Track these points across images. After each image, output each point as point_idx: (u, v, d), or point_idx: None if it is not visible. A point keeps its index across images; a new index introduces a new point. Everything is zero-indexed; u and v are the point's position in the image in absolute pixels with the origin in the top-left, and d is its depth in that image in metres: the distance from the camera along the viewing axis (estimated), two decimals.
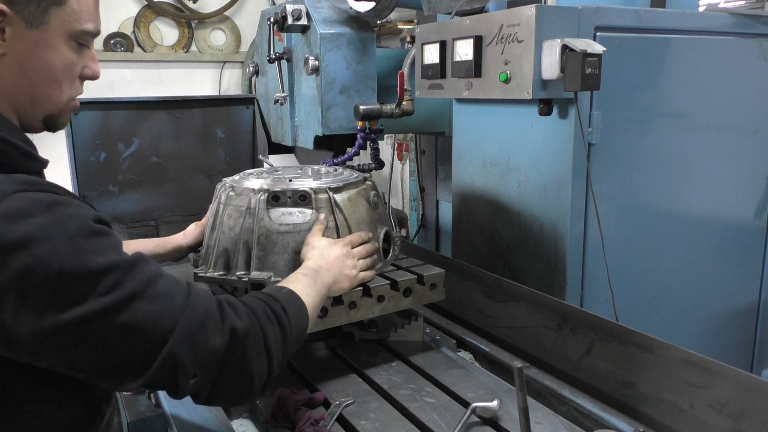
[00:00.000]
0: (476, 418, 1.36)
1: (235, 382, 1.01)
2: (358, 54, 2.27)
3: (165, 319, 0.93)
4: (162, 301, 0.94)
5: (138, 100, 2.90)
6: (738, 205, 2.19)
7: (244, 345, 1.01)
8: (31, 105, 1.02)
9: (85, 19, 1.02)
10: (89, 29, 1.04)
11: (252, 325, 1.04)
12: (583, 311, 1.57)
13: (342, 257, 1.45)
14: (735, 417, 1.20)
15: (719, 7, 2.55)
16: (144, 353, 0.92)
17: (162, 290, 0.95)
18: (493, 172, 2.11)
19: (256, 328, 1.05)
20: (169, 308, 0.95)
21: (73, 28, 1.01)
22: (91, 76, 1.11)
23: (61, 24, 0.99)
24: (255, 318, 1.06)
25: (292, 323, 1.13)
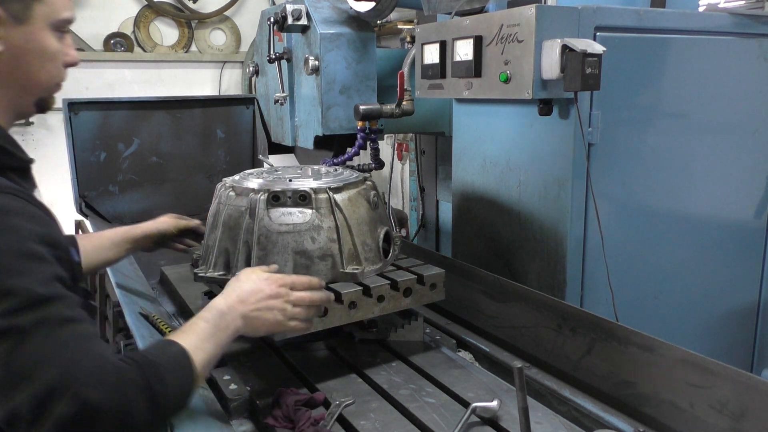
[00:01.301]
0: (476, 418, 1.36)
1: None
2: (358, 54, 2.27)
3: (30, 370, 0.90)
4: (42, 352, 0.91)
5: (138, 100, 2.90)
6: (738, 205, 2.19)
7: (93, 419, 0.91)
8: (25, 92, 1.13)
9: (63, 8, 1.13)
10: (68, 17, 1.14)
11: (114, 399, 0.93)
12: (583, 311, 1.57)
13: (267, 298, 1.27)
14: (735, 417, 1.20)
15: (719, 7, 2.55)
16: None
17: (48, 343, 0.92)
18: (493, 172, 2.11)
19: (119, 403, 0.94)
20: (41, 362, 0.90)
21: (54, 18, 1.11)
22: (72, 62, 1.19)
23: (44, 16, 1.09)
24: (123, 392, 0.95)
25: (169, 395, 1.02)
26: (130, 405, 0.95)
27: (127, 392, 0.95)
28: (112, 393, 0.93)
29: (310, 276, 1.39)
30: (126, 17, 4.90)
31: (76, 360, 0.92)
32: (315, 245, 1.53)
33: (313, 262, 1.53)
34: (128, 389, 0.95)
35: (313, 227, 1.53)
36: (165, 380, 1.01)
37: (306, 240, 1.52)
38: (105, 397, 0.92)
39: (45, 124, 4.65)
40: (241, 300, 1.24)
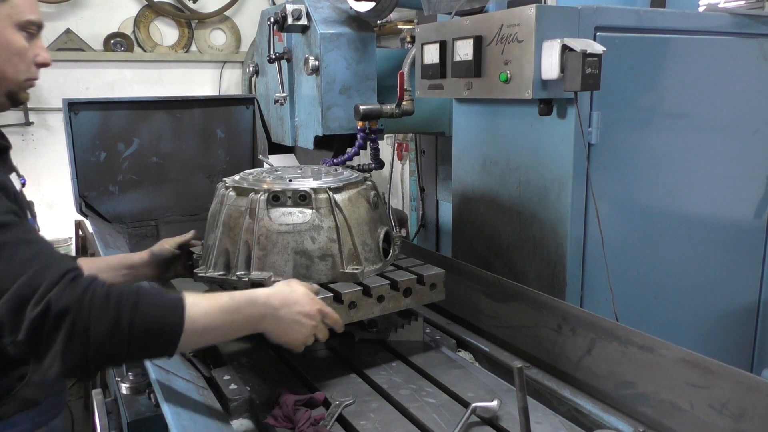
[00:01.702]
0: (476, 418, 1.36)
1: (45, 354, 1.03)
2: (358, 54, 2.27)
3: (3, 284, 1.03)
4: (9, 269, 1.04)
5: (138, 100, 2.90)
6: (738, 205, 2.19)
7: (56, 322, 1.02)
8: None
9: (28, 11, 1.25)
10: (32, 19, 1.26)
11: (78, 307, 1.03)
12: (583, 311, 1.57)
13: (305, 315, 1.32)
14: (735, 417, 1.20)
15: (719, 7, 2.56)
16: None
17: (14, 258, 1.06)
18: (493, 172, 2.11)
19: (81, 311, 1.03)
20: (9, 276, 1.04)
21: (18, 19, 1.24)
22: (43, 62, 1.32)
23: (8, 15, 1.22)
24: (88, 302, 1.04)
25: (135, 323, 1.07)
26: (90, 316, 1.04)
27: (93, 305, 1.04)
28: (80, 301, 1.03)
29: (338, 317, 1.42)
30: (126, 17, 4.90)
31: (41, 270, 1.05)
32: (315, 245, 1.53)
33: (313, 262, 1.53)
34: (94, 303, 1.04)
35: (313, 227, 1.53)
36: (138, 307, 1.08)
37: (306, 240, 1.52)
38: (68, 303, 1.02)
39: (45, 124, 4.65)
40: (284, 302, 1.29)
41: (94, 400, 1.78)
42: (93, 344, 1.04)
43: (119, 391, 1.72)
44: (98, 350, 1.05)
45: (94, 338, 1.04)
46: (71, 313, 1.02)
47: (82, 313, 1.03)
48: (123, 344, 1.07)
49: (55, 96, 4.52)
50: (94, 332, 1.04)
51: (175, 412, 1.28)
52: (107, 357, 1.07)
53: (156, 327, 1.11)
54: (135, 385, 1.70)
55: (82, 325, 1.03)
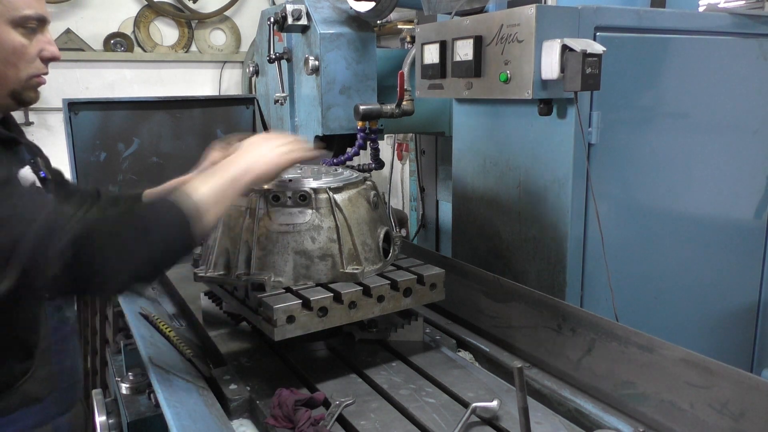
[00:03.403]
0: (476, 418, 1.36)
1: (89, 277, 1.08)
2: (358, 54, 2.27)
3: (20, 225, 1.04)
4: (22, 209, 1.07)
5: (138, 100, 2.90)
6: (738, 205, 2.19)
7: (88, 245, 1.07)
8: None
9: (23, 6, 1.19)
10: (29, 14, 1.19)
11: (100, 227, 1.11)
12: (583, 311, 1.57)
13: (257, 144, 1.40)
14: (735, 417, 1.20)
15: (719, 7, 2.56)
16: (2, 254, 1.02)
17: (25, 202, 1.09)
18: (493, 172, 2.11)
19: (105, 230, 1.11)
20: (28, 216, 1.06)
21: (12, 16, 1.18)
22: (51, 57, 1.26)
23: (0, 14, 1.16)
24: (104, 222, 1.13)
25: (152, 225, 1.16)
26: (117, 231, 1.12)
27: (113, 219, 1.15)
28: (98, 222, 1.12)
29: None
30: (126, 17, 4.90)
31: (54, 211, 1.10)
32: (315, 245, 1.53)
33: (313, 262, 1.53)
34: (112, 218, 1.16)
35: (313, 227, 1.53)
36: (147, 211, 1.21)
37: (306, 240, 1.52)
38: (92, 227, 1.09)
39: (45, 124, 4.65)
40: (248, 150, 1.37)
41: (94, 400, 1.78)
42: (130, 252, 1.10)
43: (119, 391, 1.72)
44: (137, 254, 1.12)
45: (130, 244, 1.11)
46: (99, 235, 1.08)
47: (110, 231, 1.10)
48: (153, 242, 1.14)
49: (55, 96, 4.52)
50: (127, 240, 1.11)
51: (175, 412, 1.28)
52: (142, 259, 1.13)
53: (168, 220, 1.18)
54: (135, 385, 1.70)
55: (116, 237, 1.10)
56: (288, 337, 1.45)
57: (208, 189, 1.23)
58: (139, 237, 1.12)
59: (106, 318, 2.80)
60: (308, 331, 1.47)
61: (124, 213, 1.17)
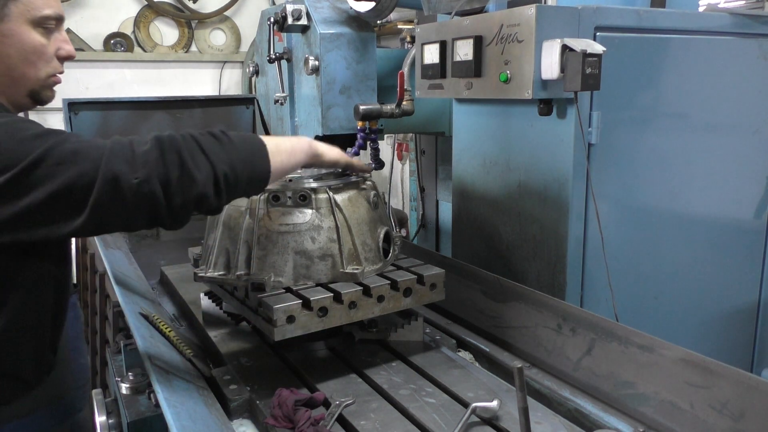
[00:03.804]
0: (476, 418, 1.36)
1: (179, 181, 1.07)
2: (358, 54, 2.27)
3: (93, 150, 1.05)
4: (88, 141, 1.07)
5: (138, 100, 2.90)
6: (738, 205, 2.19)
7: (172, 147, 1.08)
8: (12, 85, 1.22)
9: (42, 6, 1.19)
10: (48, 14, 1.20)
11: (178, 135, 1.12)
12: (583, 311, 1.57)
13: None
14: (735, 417, 1.20)
15: (719, 7, 2.55)
16: (82, 178, 1.02)
17: (88, 138, 1.09)
18: (493, 172, 2.11)
19: (183, 136, 1.12)
20: (95, 143, 1.07)
21: (32, 15, 1.18)
22: (67, 56, 1.27)
23: (20, 14, 1.16)
24: (180, 133, 1.13)
25: (232, 137, 1.17)
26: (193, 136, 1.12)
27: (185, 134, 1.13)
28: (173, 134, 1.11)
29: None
30: (126, 17, 4.90)
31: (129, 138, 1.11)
32: (315, 245, 1.53)
33: (313, 262, 1.53)
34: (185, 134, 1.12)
35: (313, 227, 1.53)
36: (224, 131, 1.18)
37: (306, 240, 1.52)
38: (169, 135, 1.10)
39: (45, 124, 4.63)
40: None
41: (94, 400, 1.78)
42: (213, 156, 1.11)
43: (119, 391, 1.72)
44: (221, 162, 1.12)
45: (212, 151, 1.12)
46: (177, 139, 1.09)
47: (184, 138, 1.11)
48: (234, 153, 1.15)
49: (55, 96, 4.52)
50: (207, 147, 1.12)
51: (175, 412, 1.28)
52: (226, 165, 1.13)
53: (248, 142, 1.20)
54: (135, 385, 1.70)
55: (195, 145, 1.11)
56: (288, 337, 1.45)
57: (272, 139, 1.25)
58: (220, 144, 1.14)
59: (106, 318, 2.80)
60: (308, 331, 1.47)
61: (207, 130, 1.16)
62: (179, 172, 1.06)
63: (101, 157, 1.03)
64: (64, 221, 1.03)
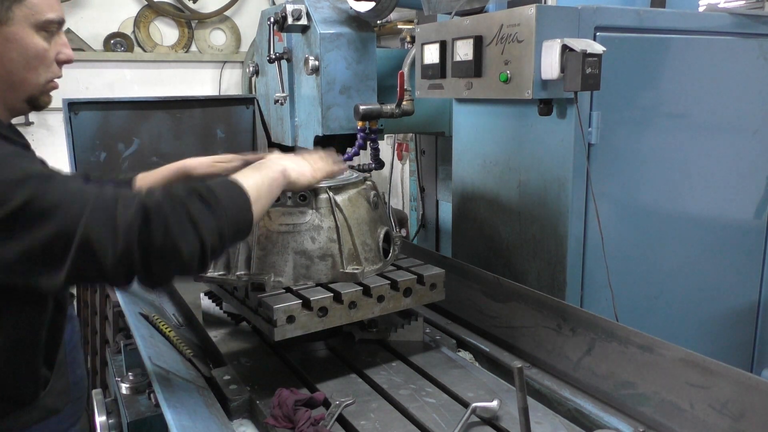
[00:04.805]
0: (476, 418, 1.36)
1: (161, 253, 1.03)
2: (358, 54, 2.27)
3: (74, 205, 0.99)
4: (72, 192, 1.02)
5: (138, 100, 2.90)
6: (738, 205, 2.19)
7: (159, 215, 1.03)
8: (11, 89, 1.18)
9: (46, 9, 1.16)
10: (52, 18, 1.17)
11: (165, 200, 1.06)
12: (583, 311, 1.57)
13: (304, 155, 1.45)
14: (735, 417, 1.20)
15: (719, 7, 2.56)
16: (60, 237, 0.98)
17: (73, 186, 1.03)
18: (493, 172, 2.11)
19: (171, 201, 1.06)
20: (79, 197, 1.01)
21: (36, 19, 1.14)
22: (67, 60, 1.24)
23: (24, 17, 1.13)
24: (169, 196, 1.07)
25: (219, 196, 1.12)
26: (183, 201, 1.07)
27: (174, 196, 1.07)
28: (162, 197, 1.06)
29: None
30: (126, 17, 4.90)
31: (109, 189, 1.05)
32: (315, 245, 1.53)
33: (313, 262, 1.53)
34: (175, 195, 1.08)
35: (313, 227, 1.53)
36: (212, 188, 1.12)
37: (306, 240, 1.52)
38: (157, 199, 1.05)
39: (45, 124, 4.65)
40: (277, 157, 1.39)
41: (94, 400, 1.78)
42: (202, 225, 1.07)
43: (119, 391, 1.72)
44: (209, 230, 1.08)
45: (201, 218, 1.07)
46: (165, 207, 1.04)
47: (174, 205, 1.05)
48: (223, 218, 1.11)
49: (54, 96, 4.50)
50: (196, 214, 1.07)
51: (175, 412, 1.28)
52: (215, 233, 1.09)
53: (235, 198, 1.17)
54: (135, 385, 1.70)
55: (184, 213, 1.05)
56: (288, 337, 1.45)
57: (252, 183, 1.22)
58: (209, 211, 1.09)
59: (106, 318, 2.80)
60: (308, 331, 1.47)
61: (187, 188, 1.11)
62: (162, 243, 1.02)
63: (81, 214, 0.98)
64: (40, 278, 1.00)
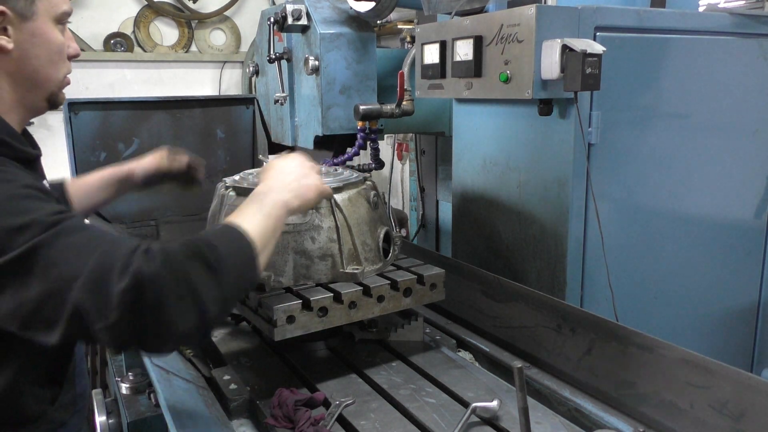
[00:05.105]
0: (476, 418, 1.36)
1: (153, 326, 0.95)
2: (358, 54, 2.27)
3: (72, 265, 0.94)
4: (74, 248, 0.95)
5: (138, 100, 2.90)
6: (738, 205, 2.19)
7: (154, 290, 0.93)
8: (36, 87, 1.16)
9: (61, 2, 1.16)
10: (66, 10, 1.17)
11: (164, 269, 0.95)
12: (583, 311, 1.57)
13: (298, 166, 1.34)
14: (735, 417, 1.20)
15: (719, 7, 2.56)
16: (52, 302, 0.93)
17: (75, 243, 0.96)
18: (493, 172, 2.11)
19: (171, 270, 0.96)
20: (76, 260, 0.94)
21: (55, 12, 1.14)
22: (75, 54, 1.22)
23: (46, 11, 1.12)
24: (168, 263, 0.96)
25: (223, 259, 1.02)
26: (185, 269, 0.97)
27: (175, 262, 0.96)
28: (162, 263, 0.95)
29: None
30: (126, 17, 4.90)
31: (109, 250, 0.95)
32: (315, 245, 1.53)
33: (313, 262, 1.53)
34: (176, 260, 0.97)
35: (313, 227, 1.53)
36: (217, 247, 1.02)
37: (306, 240, 1.52)
38: (156, 268, 0.94)
39: (45, 124, 4.65)
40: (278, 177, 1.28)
41: (94, 400, 1.78)
42: (204, 296, 0.98)
43: (119, 391, 1.72)
44: (212, 300, 0.99)
45: (203, 289, 0.98)
46: (163, 277, 0.94)
47: (174, 274, 0.96)
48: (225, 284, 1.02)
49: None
50: (196, 281, 0.97)
51: (175, 412, 1.28)
52: (219, 303, 1.01)
53: (241, 257, 1.08)
54: (135, 385, 1.70)
55: (184, 284, 0.96)
56: (288, 337, 1.45)
57: (258, 229, 1.14)
58: (214, 277, 1.00)
59: None
60: (308, 331, 1.47)
61: (189, 249, 1.00)
62: (156, 320, 0.94)
63: (77, 277, 0.92)
64: (35, 334, 0.96)
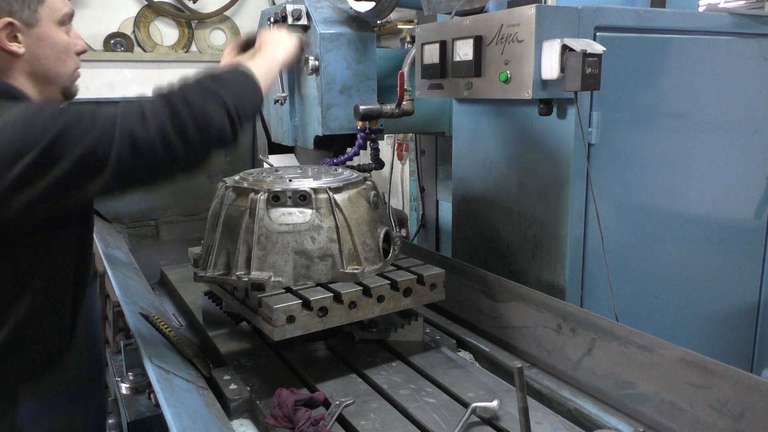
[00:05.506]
0: (476, 418, 1.36)
1: (194, 122, 1.15)
2: (358, 54, 2.27)
3: (106, 116, 1.13)
4: (99, 110, 1.15)
5: None
6: (738, 205, 2.19)
7: (179, 92, 1.19)
8: (50, 83, 1.32)
9: (61, 5, 1.30)
10: (67, 11, 1.32)
11: (179, 84, 1.22)
12: (583, 311, 1.57)
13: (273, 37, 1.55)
14: (735, 417, 1.20)
15: (719, 7, 2.56)
16: (104, 138, 1.10)
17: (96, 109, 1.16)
18: (493, 172, 2.11)
19: (185, 82, 1.22)
20: (107, 110, 1.14)
21: (57, 16, 1.29)
22: (82, 50, 1.38)
23: (49, 16, 1.27)
24: (181, 81, 1.23)
25: (223, 76, 1.27)
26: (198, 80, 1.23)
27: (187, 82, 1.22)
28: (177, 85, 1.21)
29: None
30: (126, 17, 4.90)
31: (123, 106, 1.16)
32: (315, 245, 1.53)
33: (313, 262, 1.53)
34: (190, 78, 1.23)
35: (313, 227, 1.53)
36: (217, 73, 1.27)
37: (306, 240, 1.52)
38: (173, 86, 1.21)
39: None
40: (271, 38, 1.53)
41: None
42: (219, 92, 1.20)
43: (119, 391, 1.72)
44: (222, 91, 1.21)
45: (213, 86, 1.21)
46: (180, 86, 1.20)
47: (188, 81, 1.22)
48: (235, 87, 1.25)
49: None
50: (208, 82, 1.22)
51: (175, 412, 1.28)
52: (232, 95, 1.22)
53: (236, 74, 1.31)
54: (135, 385, 1.70)
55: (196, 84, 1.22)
56: (288, 337, 1.45)
57: (258, 71, 1.34)
58: (222, 82, 1.23)
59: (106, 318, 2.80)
60: (308, 331, 1.47)
61: (198, 74, 1.25)
62: (191, 114, 1.15)
63: (115, 120, 1.12)
64: (91, 182, 1.12)
